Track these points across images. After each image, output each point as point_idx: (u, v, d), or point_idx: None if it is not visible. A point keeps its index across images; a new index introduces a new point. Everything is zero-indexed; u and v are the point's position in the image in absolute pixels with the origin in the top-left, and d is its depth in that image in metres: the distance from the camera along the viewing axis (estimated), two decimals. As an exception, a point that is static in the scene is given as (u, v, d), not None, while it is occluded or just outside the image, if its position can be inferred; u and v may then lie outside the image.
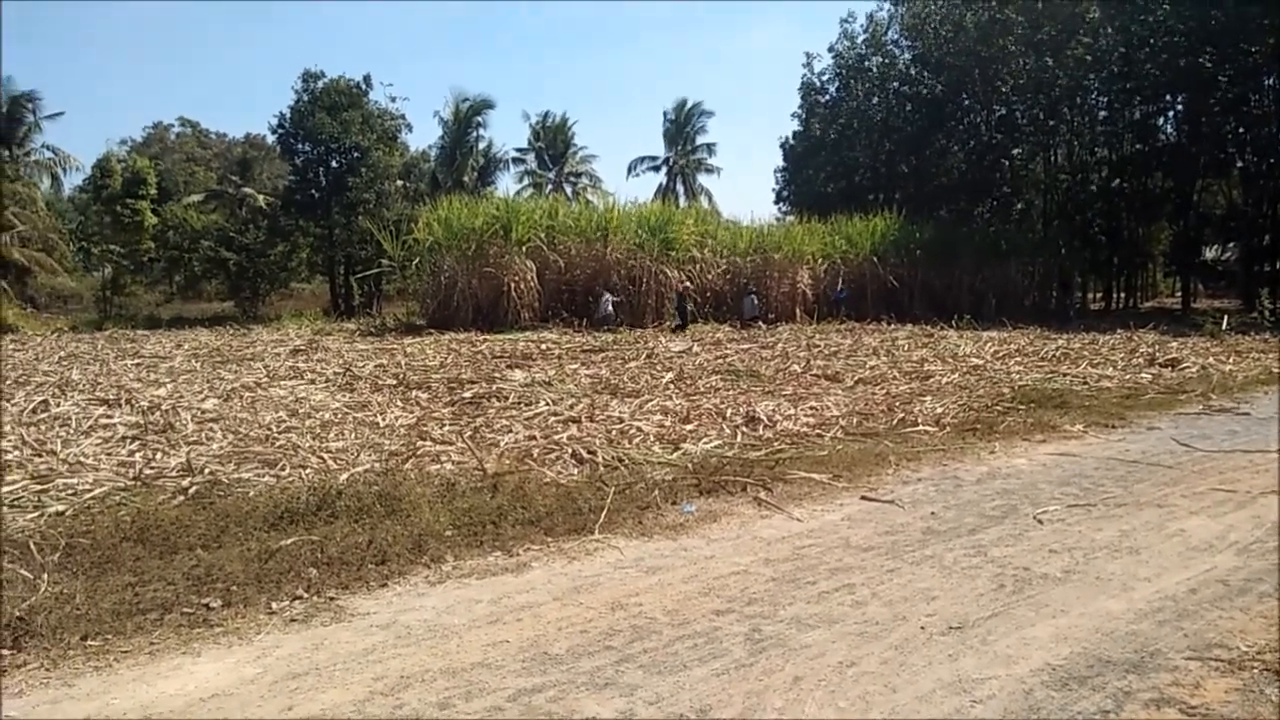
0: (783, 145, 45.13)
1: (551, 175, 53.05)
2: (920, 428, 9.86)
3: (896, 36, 42.07)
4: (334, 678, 3.98)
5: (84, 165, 41.72)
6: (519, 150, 53.03)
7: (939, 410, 10.78)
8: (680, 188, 56.70)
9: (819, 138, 42.28)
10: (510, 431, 9.35)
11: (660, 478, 7.50)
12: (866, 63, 41.97)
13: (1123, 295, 42.17)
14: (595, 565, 5.55)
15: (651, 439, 9.04)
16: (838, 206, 34.98)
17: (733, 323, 25.73)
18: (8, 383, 12.88)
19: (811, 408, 10.88)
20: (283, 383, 13.08)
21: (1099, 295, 42.23)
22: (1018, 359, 16.37)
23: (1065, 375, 14.11)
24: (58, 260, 36.42)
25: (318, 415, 10.19)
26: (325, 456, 7.98)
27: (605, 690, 3.80)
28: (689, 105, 56.81)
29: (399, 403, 11.37)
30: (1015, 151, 39.04)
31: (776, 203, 45.60)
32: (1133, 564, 5.46)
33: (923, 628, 4.47)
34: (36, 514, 6.07)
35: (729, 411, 10.49)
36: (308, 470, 7.47)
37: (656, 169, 57.88)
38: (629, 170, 58.26)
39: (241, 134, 58.97)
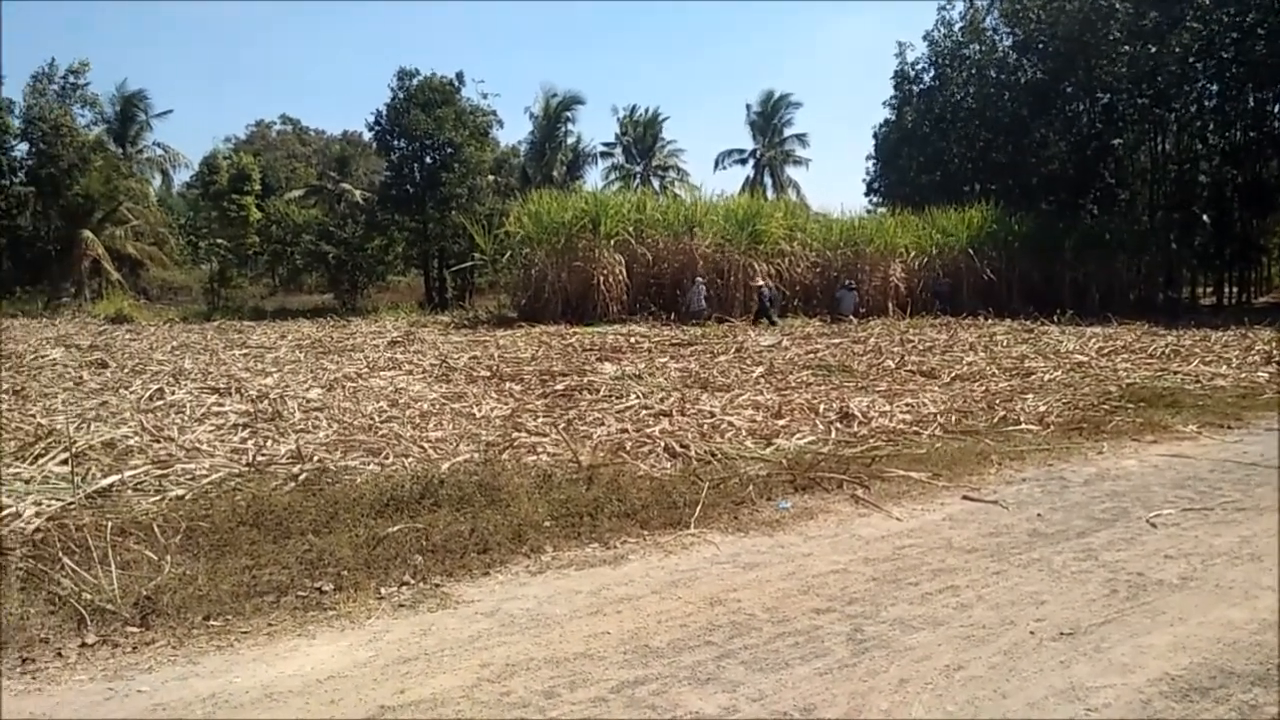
0: (874, 135, 44.33)
1: (639, 169, 53.22)
2: (1023, 426, 9.60)
3: (995, 23, 40.85)
4: (442, 663, 4.08)
5: (192, 162, 43.69)
6: (606, 145, 53.40)
7: (1042, 408, 10.47)
8: (768, 180, 56.22)
9: (912, 128, 41.38)
10: (602, 424, 9.44)
11: (754, 473, 7.47)
12: (963, 50, 40.87)
13: (1235, 290, 40.18)
14: (692, 560, 5.57)
15: (743, 434, 9.01)
16: (932, 198, 34.19)
17: (823, 317, 25.43)
18: (125, 371, 13.55)
19: (907, 404, 10.69)
20: (382, 373, 13.45)
21: (1209, 290, 40.34)
22: (1124, 356, 15.76)
23: (1176, 373, 13.53)
24: (168, 254, 38.16)
25: (416, 405, 10.44)
26: (426, 446, 8.19)
27: (707, 685, 3.81)
28: (776, 97, 56.29)
29: (493, 394, 11.58)
30: (1119, 141, 37.51)
31: (867, 194, 44.84)
32: (1255, 571, 5.22)
33: (1032, 633, 4.36)
34: (158, 498, 6.36)
35: (822, 407, 10.38)
36: (410, 459, 7.66)
37: (743, 162, 57.53)
38: (716, 164, 58.05)
39: (339, 131, 60.82)
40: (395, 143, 38.23)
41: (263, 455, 7.63)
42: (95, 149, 35.45)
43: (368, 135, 42.38)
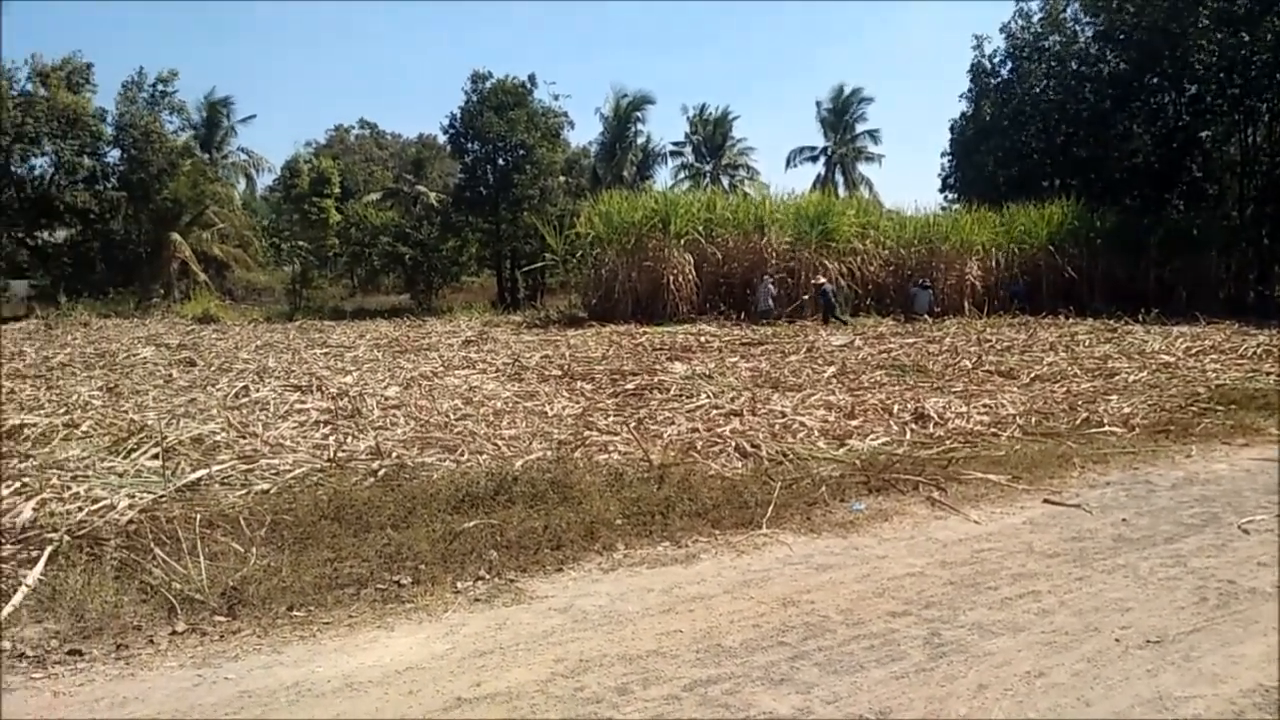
0: (950, 130, 43.44)
1: (708, 168, 53.06)
2: (1106, 428, 9.32)
3: (1077, 13, 39.66)
4: (517, 657, 4.14)
5: (274, 166, 44.98)
6: (676, 144, 53.33)
7: (1127, 410, 10.16)
8: (840, 177, 55.53)
9: (989, 122, 40.40)
10: (673, 423, 9.45)
11: (826, 474, 7.40)
12: (1043, 42, 39.79)
13: (1333, 288, 38.29)
14: (764, 560, 5.54)
15: (815, 434, 8.93)
16: (1009, 194, 33.35)
17: (896, 316, 25.04)
18: (212, 369, 14.03)
19: (985, 405, 10.47)
20: (457, 372, 13.68)
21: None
22: (1213, 356, 15.18)
23: (1269, 374, 12.99)
24: (252, 256, 39.33)
25: (490, 404, 10.59)
26: (499, 443, 8.31)
27: (781, 686, 3.79)
28: (847, 92, 55.53)
29: (565, 393, 11.69)
30: (1207, 133, 36.07)
31: (942, 190, 43.89)
32: (1357, 582, 4.99)
33: (1117, 640, 4.24)
34: (244, 491, 6.59)
35: (896, 408, 10.23)
36: (484, 456, 7.78)
37: (814, 159, 56.90)
38: (788, 162, 57.46)
39: (415, 134, 61.92)
40: (469, 145, 38.81)
41: (343, 451, 7.83)
42: (183, 154, 36.72)
43: (442, 138, 43.12)
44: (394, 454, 7.69)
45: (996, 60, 41.51)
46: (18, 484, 6.43)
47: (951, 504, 6.76)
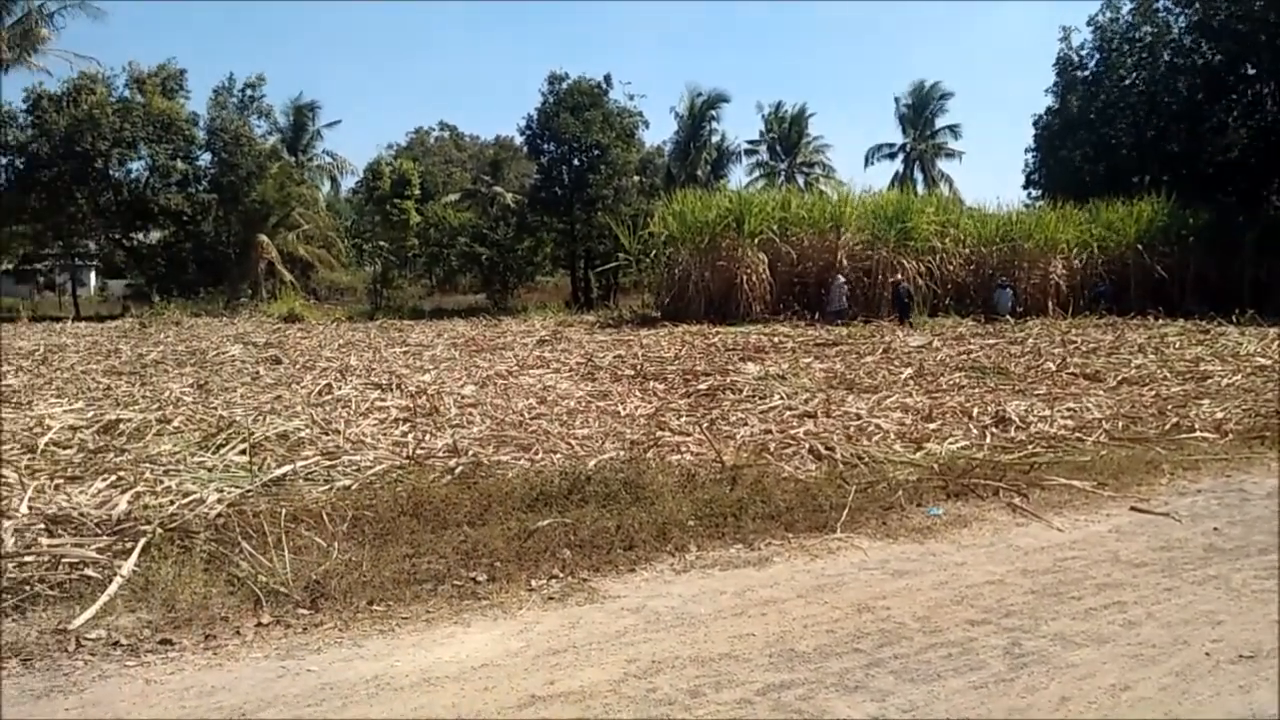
0: (1034, 125, 42.29)
1: (783, 166, 52.65)
2: (1197, 434, 8.97)
3: (1169, 4, 38.22)
4: (590, 657, 4.17)
5: (357, 169, 46.01)
6: (751, 142, 53.05)
7: (1219, 415, 9.76)
8: (919, 175, 54.54)
9: (1075, 116, 39.21)
10: (746, 424, 9.41)
11: (903, 478, 7.28)
12: (1134, 33, 38.45)
13: None
14: (839, 564, 5.48)
15: (892, 437, 8.79)
16: (1096, 190, 32.32)
17: (976, 316, 24.49)
18: (297, 367, 14.43)
19: (1069, 409, 10.17)
20: (531, 371, 13.84)
21: None
22: (1315, 359, 14.49)
23: (1377, 379, 12.34)
24: (335, 256, 40.40)
25: (564, 403, 10.69)
26: (573, 443, 8.38)
27: (856, 693, 3.74)
28: (927, 87, 54.48)
29: (637, 393, 11.73)
30: (1308, 126, 34.42)
31: (1026, 187, 42.78)
32: None
33: (1208, 654, 4.08)
34: (327, 487, 6.76)
35: (976, 411, 10.01)
36: (558, 455, 7.86)
37: (893, 156, 56.00)
38: (866, 159, 56.69)
39: (492, 136, 62.88)
40: (545, 146, 39.25)
41: (422, 449, 7.98)
42: (271, 157, 37.90)
43: (519, 139, 43.70)
44: (470, 452, 7.81)
45: (1084, 53, 40.28)
46: (114, 477, 6.72)
47: (1033, 510, 6.59)
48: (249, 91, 38.77)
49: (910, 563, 5.48)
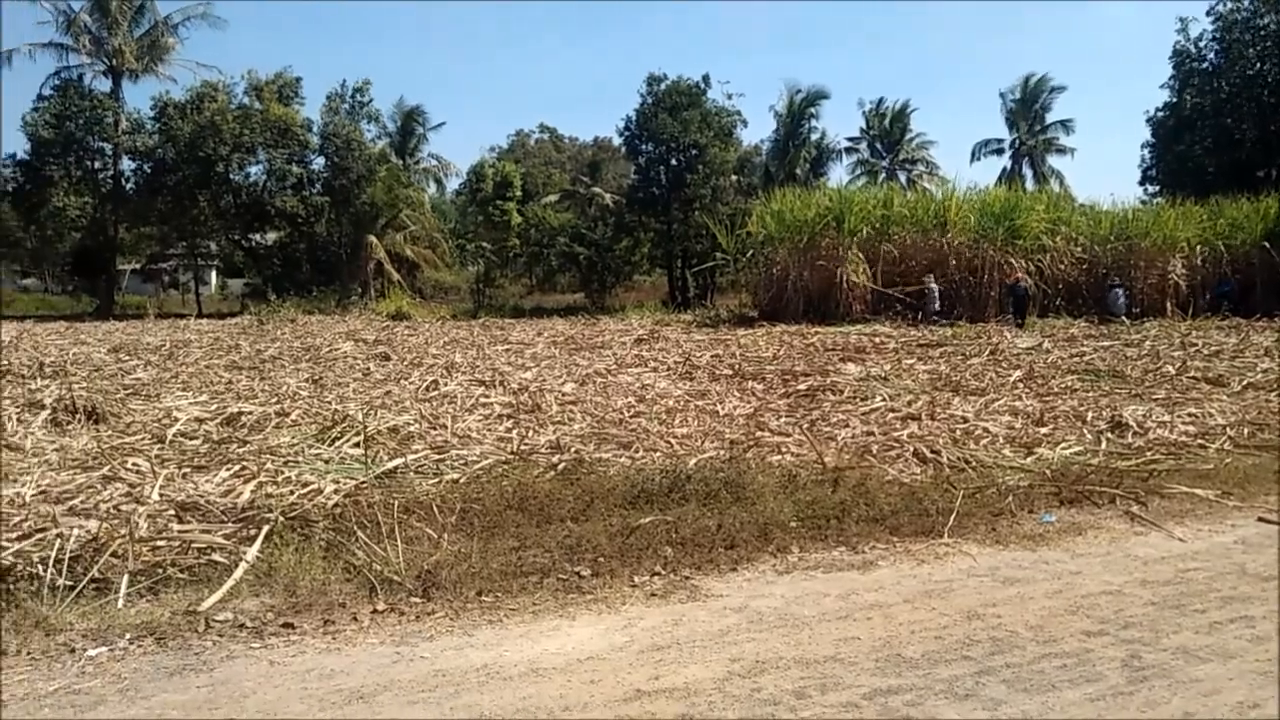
0: (1150, 120, 40.46)
1: (885, 163, 51.66)
2: (1334, 443, 8.45)
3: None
4: (693, 654, 4.19)
5: (461, 171, 47.16)
6: (851, 139, 52.22)
7: (1359, 423, 9.17)
8: (1027, 171, 52.77)
9: (1195, 109, 37.37)
10: (847, 426, 9.28)
11: (1013, 483, 7.08)
12: (1258, 21, 36.40)
13: None
14: (946, 570, 5.36)
15: (1000, 441, 8.55)
16: (1218, 186, 30.72)
17: (1089, 317, 23.57)
18: (405, 363, 14.87)
19: (1190, 414, 9.71)
20: (629, 370, 13.93)
21: None
22: None
23: None
24: (440, 256, 41.43)
25: (662, 402, 10.73)
26: (672, 441, 8.41)
27: (966, 701, 3.66)
28: (1035, 81, 52.62)
29: (736, 393, 11.69)
30: None
31: (1143, 183, 41.03)
32: None
33: (1348, 677, 3.85)
34: (436, 480, 6.96)
35: (1090, 415, 9.64)
36: (657, 454, 7.90)
37: (1000, 152, 54.32)
38: (972, 156, 55.14)
39: (591, 137, 63.55)
40: (643, 146, 39.50)
41: (525, 444, 8.14)
42: (380, 161, 39.14)
43: (617, 140, 44.07)
44: (572, 449, 7.92)
45: (1202, 45, 38.35)
46: (237, 467, 7.06)
47: (1153, 519, 6.32)
48: (359, 97, 40.15)
49: (1022, 570, 5.32)
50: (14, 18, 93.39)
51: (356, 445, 7.75)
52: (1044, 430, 8.98)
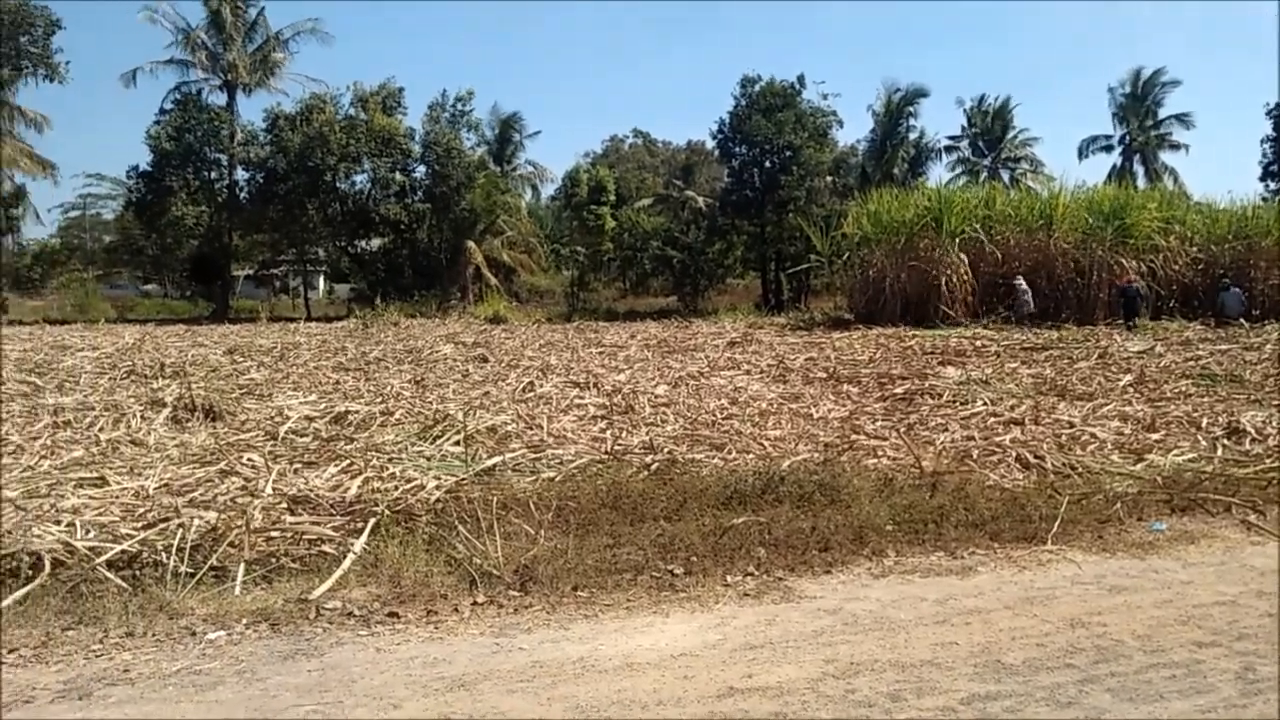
0: (1270, 113, 38.40)
1: (987, 162, 50.29)
2: None
3: None
4: (787, 654, 4.19)
5: (556, 177, 47.86)
6: (952, 138, 50.98)
7: None
8: (1139, 168, 50.63)
9: (1325, 100, 35.30)
10: (946, 430, 9.11)
11: (1121, 489, 6.83)
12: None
13: None
14: (1049, 577, 5.22)
15: (1109, 447, 8.26)
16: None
17: (1204, 320, 22.50)
18: (502, 365, 15.18)
19: (1317, 421, 9.20)
20: (722, 372, 13.94)
21: None
22: None
23: None
24: (536, 261, 42.14)
25: (755, 404, 10.71)
26: (765, 443, 8.40)
27: (1068, 709, 3.58)
28: (1147, 75, 50.45)
29: (830, 396, 11.58)
30: None
31: (1263, 179, 38.98)
32: None
33: None
34: (533, 478, 7.12)
35: (1204, 421, 9.23)
36: (750, 455, 7.90)
37: (1109, 149, 52.25)
38: (1079, 153, 53.17)
39: (684, 141, 63.64)
40: (736, 149, 39.40)
41: (619, 445, 8.24)
42: (479, 168, 40.05)
43: (711, 143, 44.07)
44: (665, 449, 7.98)
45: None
46: (345, 463, 7.35)
47: (1271, 529, 6.03)
48: (459, 106, 41.15)
49: (1129, 579, 5.15)
50: (139, 35, 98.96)
51: (457, 444, 7.98)
52: (1155, 436, 8.64)
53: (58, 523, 5.79)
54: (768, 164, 38.76)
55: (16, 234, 38.96)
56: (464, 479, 6.84)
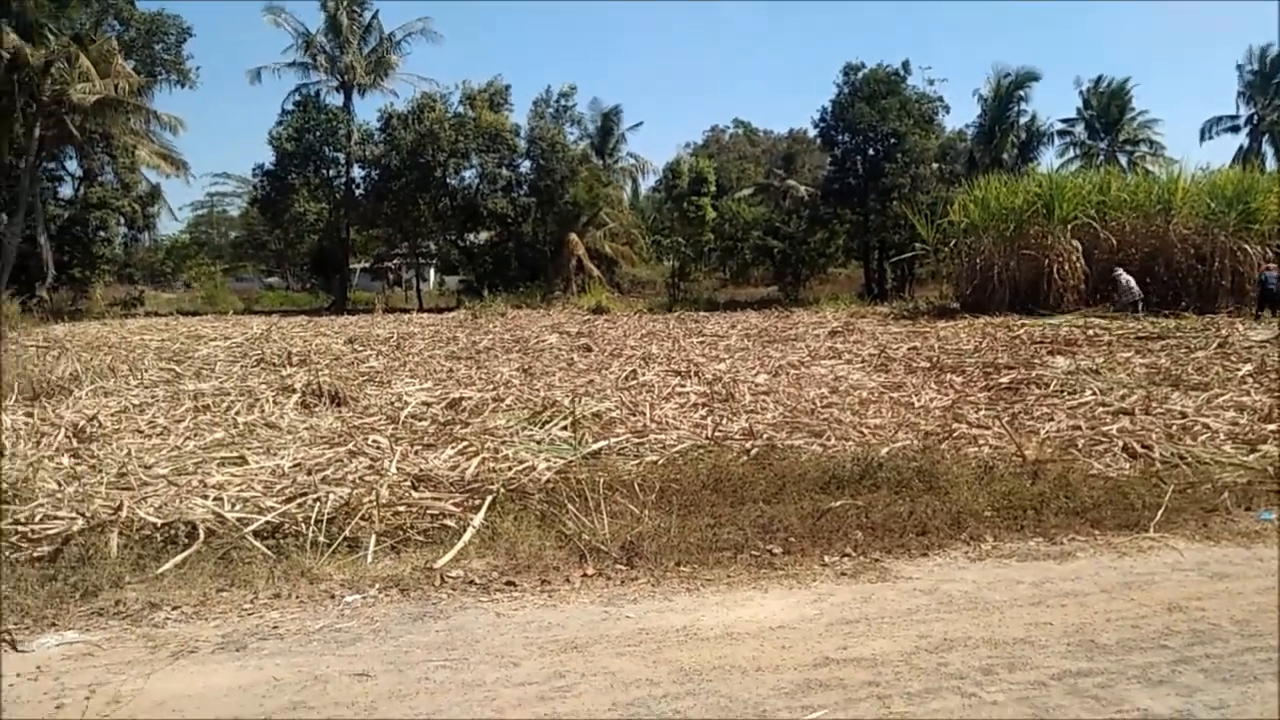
0: None
1: (1103, 145, 48.28)
2: None
3: None
4: (881, 629, 4.38)
5: (657, 168, 48.13)
6: (1065, 121, 49.10)
7: None
8: (1268, 149, 47.81)
9: None
10: (1051, 420, 9.04)
11: (1231, 480, 6.74)
12: None
13: None
14: (1149, 564, 5.25)
15: (1221, 437, 8.09)
16: None
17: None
18: (605, 354, 15.57)
19: None
20: (822, 362, 14.00)
21: None
22: None
23: None
24: (637, 252, 42.54)
25: (856, 393, 10.79)
26: (865, 431, 8.52)
27: (1160, 687, 3.67)
28: (1275, 52, 47.51)
29: (933, 385, 11.55)
30: None
31: None
32: None
33: None
34: (637, 461, 7.42)
35: (1329, 412, 8.91)
36: (849, 443, 8.03)
37: (1235, 130, 49.50)
38: (1203, 134, 50.52)
39: (785, 130, 63.09)
40: (839, 137, 38.94)
41: (719, 431, 8.48)
42: (581, 161, 40.66)
43: (813, 132, 43.64)
44: (764, 435, 8.19)
45: None
46: (461, 445, 7.81)
47: (1392, 523, 5.87)
48: (562, 101, 41.86)
49: (1232, 566, 5.14)
50: (262, 36, 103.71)
51: (565, 428, 8.36)
52: (1271, 427, 8.39)
53: (205, 497, 6.37)
54: (871, 151, 38.20)
55: (152, 230, 41.39)
56: (572, 461, 7.20)
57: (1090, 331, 17.09)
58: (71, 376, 12.23)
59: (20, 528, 5.74)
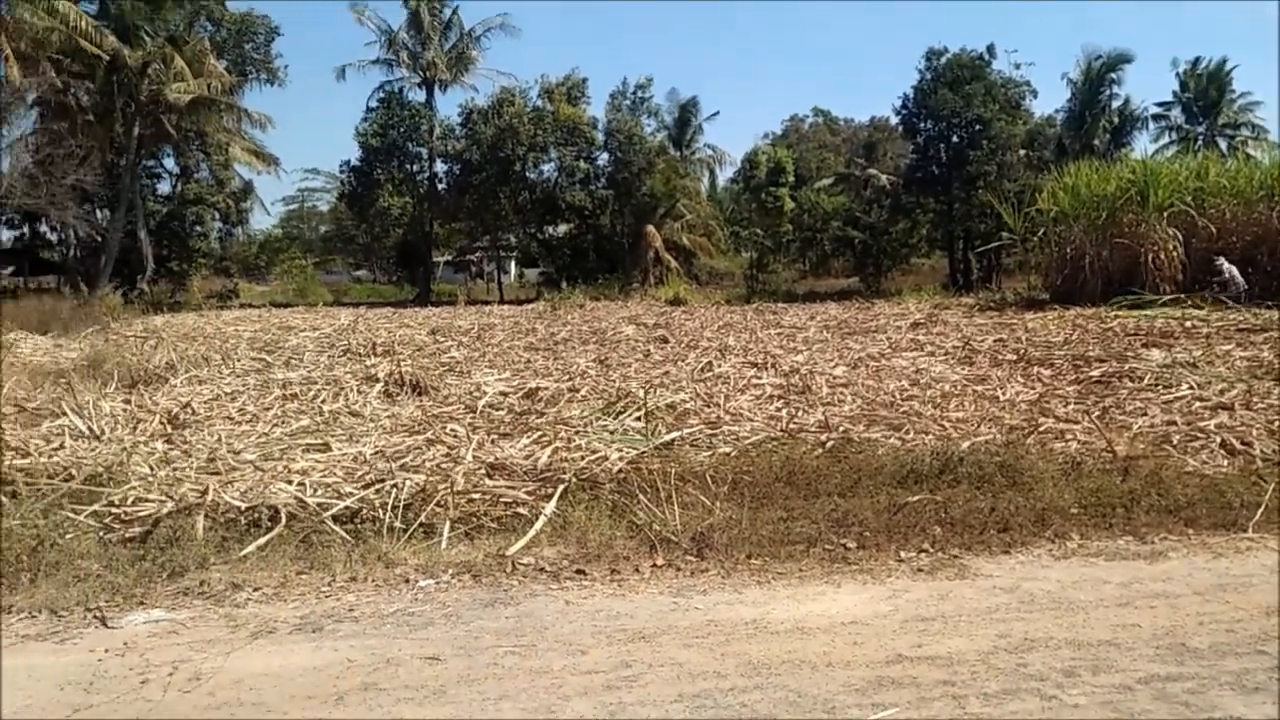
0: None
1: (1201, 130, 46.20)
2: None
3: None
4: (959, 627, 4.26)
5: (735, 159, 47.84)
6: (1161, 104, 47.13)
7: None
8: (1390, 129, 45.10)
9: None
10: (1145, 414, 8.67)
11: (1340, 479, 6.36)
12: None
13: None
14: (1246, 565, 5.00)
15: (1330, 434, 7.65)
16: None
17: None
18: (681, 346, 15.52)
19: None
20: (903, 354, 13.70)
21: None
22: None
23: None
24: (715, 244, 42.40)
25: (937, 386, 10.52)
26: (945, 425, 8.29)
27: (1255, 694, 3.49)
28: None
29: (1019, 378, 11.20)
30: None
31: None
32: None
33: None
34: (709, 453, 7.37)
35: None
36: (929, 436, 7.83)
37: (1353, 108, 46.82)
38: (1311, 115, 47.96)
39: (866, 118, 61.96)
40: (921, 124, 38.14)
41: (794, 423, 8.37)
42: (658, 153, 40.66)
43: (894, 119, 42.80)
44: (841, 428, 8.04)
45: None
46: (536, 435, 7.87)
47: None
48: (639, 93, 41.90)
49: (1339, 571, 4.85)
50: (347, 34, 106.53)
51: (638, 419, 8.35)
52: (1387, 424, 7.92)
53: (289, 482, 6.55)
54: (955, 139, 37.29)
55: (245, 225, 42.95)
56: (644, 452, 7.18)
57: (1188, 323, 16.36)
58: (168, 365, 12.73)
59: (114, 509, 5.98)
